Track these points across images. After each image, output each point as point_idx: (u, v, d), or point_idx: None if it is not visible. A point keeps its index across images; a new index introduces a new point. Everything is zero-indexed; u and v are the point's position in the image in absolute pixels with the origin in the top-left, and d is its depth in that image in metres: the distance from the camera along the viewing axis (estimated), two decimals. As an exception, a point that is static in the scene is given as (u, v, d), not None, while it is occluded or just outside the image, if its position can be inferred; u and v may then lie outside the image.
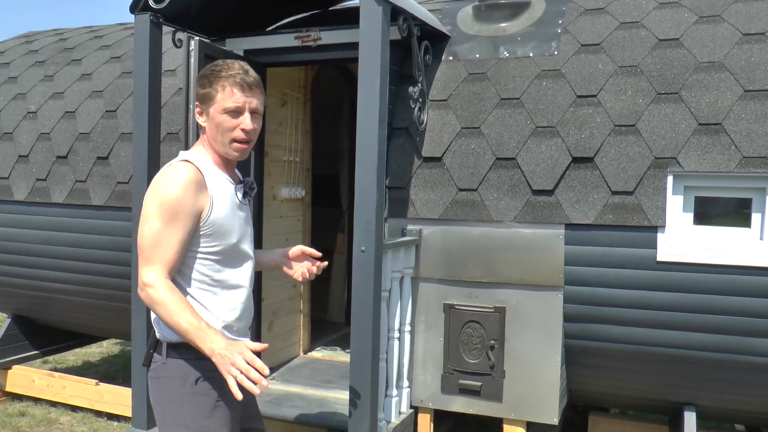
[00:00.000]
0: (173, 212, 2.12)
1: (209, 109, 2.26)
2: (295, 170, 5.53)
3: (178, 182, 2.15)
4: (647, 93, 4.00)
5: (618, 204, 3.92)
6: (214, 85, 2.23)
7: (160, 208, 2.12)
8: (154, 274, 2.11)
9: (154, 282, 2.10)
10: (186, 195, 2.14)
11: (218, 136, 2.26)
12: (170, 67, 5.36)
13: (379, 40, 3.52)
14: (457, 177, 4.23)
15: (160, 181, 2.17)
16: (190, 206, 2.15)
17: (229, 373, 1.99)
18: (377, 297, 3.64)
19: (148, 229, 2.13)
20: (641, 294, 3.93)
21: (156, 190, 2.16)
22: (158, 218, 2.12)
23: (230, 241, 2.28)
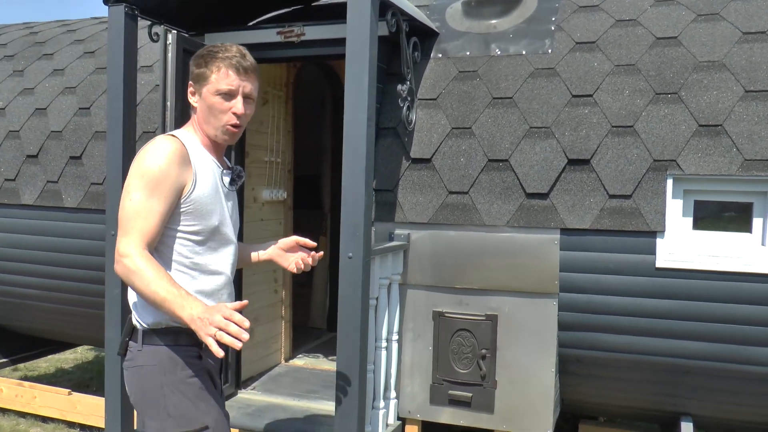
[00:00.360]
0: (155, 183, 2.08)
1: (202, 90, 2.23)
2: (277, 171, 5.33)
3: (161, 154, 2.11)
4: (645, 93, 3.86)
5: (615, 208, 3.77)
6: (209, 66, 2.21)
7: (141, 179, 2.08)
8: (130, 244, 2.05)
9: (129, 251, 2.04)
10: (169, 167, 2.10)
11: (209, 118, 2.24)
12: (146, 63, 5.13)
13: (368, 34, 3.34)
14: (447, 179, 4.06)
15: (143, 154, 2.14)
16: (173, 179, 2.11)
17: (207, 334, 1.90)
18: (365, 306, 3.46)
19: (128, 201, 2.08)
20: (639, 302, 3.78)
21: (138, 162, 2.12)
22: (139, 189, 2.08)
23: (211, 223, 2.23)
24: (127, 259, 2.03)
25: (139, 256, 2.03)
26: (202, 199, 2.20)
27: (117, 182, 3.88)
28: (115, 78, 3.88)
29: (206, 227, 2.23)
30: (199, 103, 2.26)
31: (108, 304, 3.93)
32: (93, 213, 4.91)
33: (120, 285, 3.89)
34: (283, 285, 5.51)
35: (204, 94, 2.23)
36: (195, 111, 2.30)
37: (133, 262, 2.03)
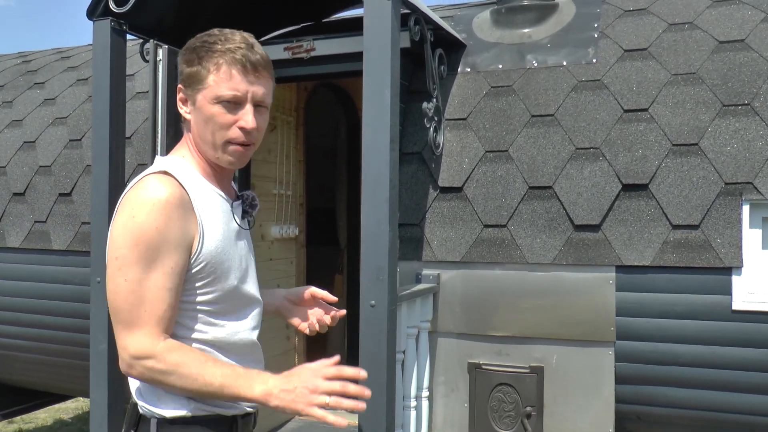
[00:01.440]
0: (155, 251, 1.51)
1: (196, 96, 1.61)
2: (287, 205, 4.82)
3: (156, 207, 1.52)
4: (711, 105, 3.32)
5: (681, 241, 3.22)
6: (204, 62, 1.59)
7: (135, 247, 1.51)
8: (145, 341, 1.52)
9: (148, 350, 1.51)
10: (169, 225, 1.52)
11: (207, 134, 1.62)
12: (144, 89, 4.68)
13: (389, 41, 2.84)
14: (481, 211, 3.52)
15: (131, 208, 1.53)
16: (178, 240, 1.55)
17: (313, 405, 1.49)
18: (391, 362, 2.92)
19: (123, 281, 1.51)
20: (712, 350, 3.22)
21: (126, 222, 1.52)
22: (135, 263, 1.51)
23: (229, 284, 1.65)
24: (151, 360, 1.52)
25: (165, 350, 1.53)
26: (214, 257, 1.62)
27: (103, 221, 3.38)
28: (100, 102, 3.42)
29: (223, 292, 1.66)
30: (193, 115, 1.65)
31: (93, 361, 3.41)
32: (84, 255, 4.42)
33: (107, 340, 3.38)
34: (296, 331, 4.96)
35: (199, 102, 1.62)
36: (188, 125, 1.69)
37: (162, 362, 1.52)
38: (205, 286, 1.61)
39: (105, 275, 1.56)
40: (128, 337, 1.52)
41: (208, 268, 1.60)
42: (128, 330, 1.52)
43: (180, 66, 1.65)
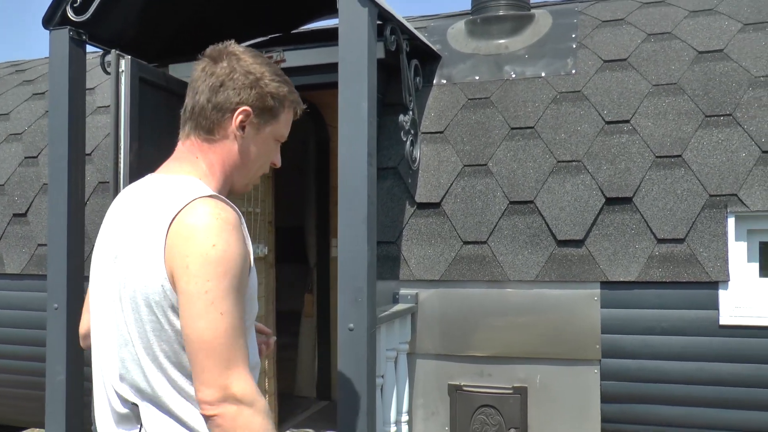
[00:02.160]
0: (241, 281, 1.37)
1: (265, 128, 1.54)
2: (257, 223, 4.64)
3: (233, 233, 1.36)
4: (693, 116, 3.26)
5: (666, 255, 3.13)
6: (284, 103, 1.55)
7: (225, 277, 1.33)
8: (250, 384, 1.34)
9: (253, 396, 1.34)
10: (243, 248, 1.38)
11: (254, 164, 1.57)
12: (105, 103, 4.47)
13: (365, 50, 2.71)
14: (461, 227, 3.40)
15: (205, 234, 1.34)
16: (249, 264, 1.42)
17: None
18: (371, 387, 2.76)
19: (219, 315, 1.32)
20: (700, 366, 3.13)
21: (206, 251, 1.33)
22: (228, 294, 1.34)
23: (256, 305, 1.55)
24: (250, 410, 1.33)
25: (263, 407, 1.35)
26: (253, 280, 1.48)
27: (59, 244, 3.19)
28: (58, 117, 3.23)
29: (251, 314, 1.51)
30: (248, 142, 1.53)
31: (50, 393, 3.19)
32: (40, 279, 4.17)
33: (65, 370, 3.16)
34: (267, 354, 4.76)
35: (265, 134, 1.54)
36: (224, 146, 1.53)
37: (258, 416, 1.33)
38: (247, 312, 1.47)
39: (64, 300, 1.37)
40: (231, 375, 1.33)
41: (250, 291, 1.47)
42: (230, 369, 1.33)
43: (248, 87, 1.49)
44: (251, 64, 1.49)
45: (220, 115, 1.48)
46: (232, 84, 1.47)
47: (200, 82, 1.49)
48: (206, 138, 1.50)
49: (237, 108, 1.47)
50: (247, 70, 1.48)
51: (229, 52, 1.50)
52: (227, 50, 1.50)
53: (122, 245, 1.42)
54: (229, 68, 1.47)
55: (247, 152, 1.53)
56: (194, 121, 1.50)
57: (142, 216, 1.41)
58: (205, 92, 1.48)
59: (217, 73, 1.47)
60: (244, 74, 1.48)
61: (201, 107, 1.48)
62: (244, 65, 1.49)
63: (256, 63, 1.50)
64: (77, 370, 3.25)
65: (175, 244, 1.34)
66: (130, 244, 1.40)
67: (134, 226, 1.41)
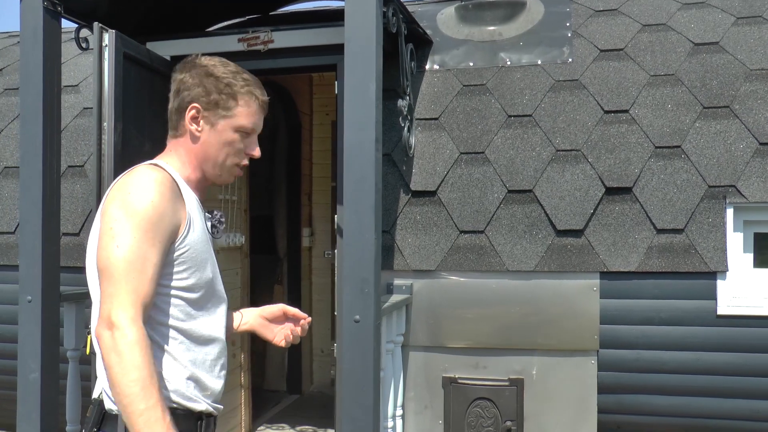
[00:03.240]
0: (149, 224, 1.57)
1: (219, 121, 1.73)
2: (233, 212, 4.46)
3: (150, 186, 1.61)
4: (691, 107, 3.25)
5: (666, 245, 3.12)
6: (237, 95, 1.74)
7: (131, 218, 1.57)
8: (124, 311, 1.51)
9: (122, 321, 1.50)
10: (163, 202, 1.61)
11: (219, 155, 1.76)
12: (72, 82, 4.22)
13: (374, 30, 2.60)
14: (457, 216, 3.32)
15: (125, 188, 1.61)
16: (169, 218, 1.62)
17: None
18: (377, 380, 2.65)
19: (115, 247, 1.55)
20: (697, 356, 3.15)
21: (121, 198, 1.60)
22: (129, 232, 1.56)
23: (206, 275, 1.73)
24: (118, 331, 1.49)
25: (135, 331, 1.50)
26: (197, 244, 1.67)
27: (33, 231, 2.96)
28: (31, 94, 2.99)
29: (201, 281, 1.69)
30: (206, 135, 1.74)
31: (22, 392, 2.97)
32: (2, 270, 3.91)
33: (39, 368, 2.95)
34: (242, 347, 4.61)
35: (220, 127, 1.73)
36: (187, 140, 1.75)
37: (123, 339, 1.49)
38: (186, 271, 1.65)
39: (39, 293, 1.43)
40: (114, 302, 1.51)
41: (190, 254, 1.65)
42: (114, 296, 1.52)
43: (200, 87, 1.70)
44: (203, 67, 1.70)
45: (180, 115, 1.71)
46: (184, 86, 1.69)
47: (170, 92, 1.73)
48: (174, 135, 1.74)
49: (188, 105, 1.69)
50: (197, 73, 1.69)
51: (190, 62, 1.72)
52: (193, 61, 1.72)
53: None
54: (186, 74, 1.69)
55: (207, 144, 1.72)
56: (169, 124, 1.75)
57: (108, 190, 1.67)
58: (171, 99, 1.73)
59: (178, 80, 1.70)
60: (194, 75, 1.69)
61: (170, 112, 1.74)
62: (197, 71, 1.69)
63: (210, 64, 1.71)
64: (52, 367, 3.04)
65: (106, 199, 1.60)
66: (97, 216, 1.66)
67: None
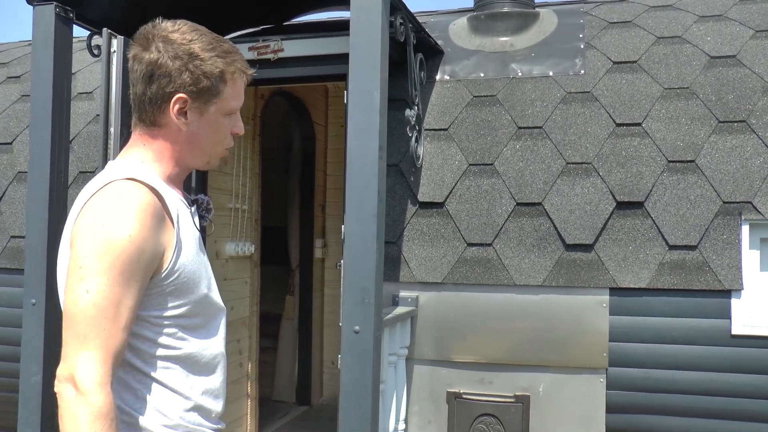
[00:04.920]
0: (129, 263, 1.33)
1: (209, 108, 1.44)
2: (243, 221, 4.45)
3: (130, 215, 1.34)
4: (706, 121, 3.18)
5: (678, 262, 3.04)
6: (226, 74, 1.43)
7: (104, 257, 1.32)
8: (95, 374, 1.28)
9: (90, 388, 1.27)
10: (144, 233, 1.34)
11: (210, 144, 1.50)
12: (86, 89, 4.25)
13: (378, 36, 2.57)
14: (465, 228, 3.27)
15: (100, 214, 1.34)
16: (151, 251, 1.37)
17: None
18: (376, 393, 2.60)
19: (85, 292, 1.30)
20: (710, 377, 3.05)
21: (93, 228, 1.33)
22: (101, 273, 1.31)
23: (200, 293, 1.50)
24: (82, 398, 1.26)
25: (101, 400, 1.28)
26: (187, 266, 1.44)
27: (39, 235, 2.97)
28: (40, 100, 3.01)
29: (196, 302, 1.48)
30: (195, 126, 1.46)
31: (24, 395, 2.97)
32: (13, 274, 3.93)
33: (42, 371, 2.95)
34: (249, 356, 4.58)
35: (212, 115, 1.46)
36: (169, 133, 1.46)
37: (86, 408, 1.26)
38: (178, 298, 1.44)
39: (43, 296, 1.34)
40: (80, 357, 1.28)
41: (180, 278, 1.43)
42: (81, 350, 1.29)
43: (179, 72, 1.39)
44: (180, 44, 1.39)
45: (157, 107, 1.41)
46: (162, 72, 1.38)
47: (133, 71, 1.41)
48: (150, 128, 1.44)
49: (171, 97, 1.40)
50: (175, 53, 1.38)
51: (155, 35, 1.38)
52: (154, 32, 1.39)
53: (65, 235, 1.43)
54: (157, 54, 1.38)
55: (196, 136, 1.47)
56: (137, 113, 1.44)
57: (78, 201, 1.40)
58: (139, 82, 1.40)
59: (146, 61, 1.38)
60: (173, 59, 1.38)
61: (139, 99, 1.42)
62: (173, 48, 1.38)
63: (185, 41, 1.39)
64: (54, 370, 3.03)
65: (77, 223, 1.35)
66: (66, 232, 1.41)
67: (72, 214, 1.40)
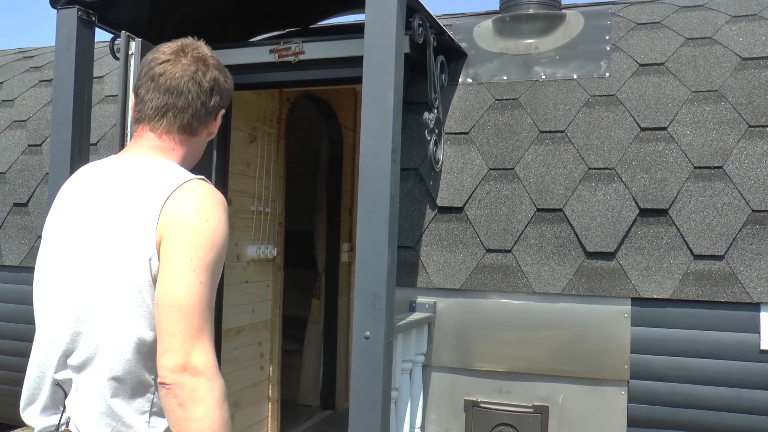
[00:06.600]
0: (221, 256, 1.45)
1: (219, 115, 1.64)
2: (266, 224, 4.45)
3: (223, 212, 1.46)
4: (735, 125, 3.07)
5: (703, 272, 2.93)
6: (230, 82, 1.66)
7: (211, 251, 1.41)
8: (210, 356, 1.36)
9: (211, 373, 1.35)
10: (228, 230, 1.48)
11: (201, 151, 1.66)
12: (113, 92, 4.32)
13: (393, 38, 2.54)
14: (484, 234, 3.21)
15: (201, 209, 1.43)
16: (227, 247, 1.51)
17: None
18: (387, 400, 2.56)
19: (198, 283, 1.37)
20: (737, 393, 2.93)
21: (200, 223, 1.41)
22: (209, 267, 1.40)
23: None
24: (207, 382, 1.33)
25: (221, 384, 1.36)
26: None
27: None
28: (62, 102, 3.04)
29: None
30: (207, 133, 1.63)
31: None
32: (37, 272, 3.99)
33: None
34: (271, 360, 4.58)
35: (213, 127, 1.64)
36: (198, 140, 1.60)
37: (213, 392, 1.33)
38: None
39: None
40: (197, 345, 1.34)
41: None
42: (196, 338, 1.34)
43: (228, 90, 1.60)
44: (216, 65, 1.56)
45: (209, 117, 1.57)
46: (220, 89, 1.56)
47: (184, 82, 1.51)
48: (188, 135, 1.54)
49: (219, 111, 1.59)
50: (223, 71, 1.58)
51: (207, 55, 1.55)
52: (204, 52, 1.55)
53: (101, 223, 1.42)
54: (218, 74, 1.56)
55: (203, 144, 1.63)
56: (179, 119, 1.52)
57: (128, 193, 1.43)
58: (196, 95, 1.52)
59: (208, 78, 1.53)
60: (225, 78, 1.58)
61: (194, 109, 1.52)
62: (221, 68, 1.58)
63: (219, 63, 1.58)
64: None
65: (170, 219, 1.38)
66: (114, 221, 1.41)
67: (119, 204, 1.42)
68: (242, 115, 4.11)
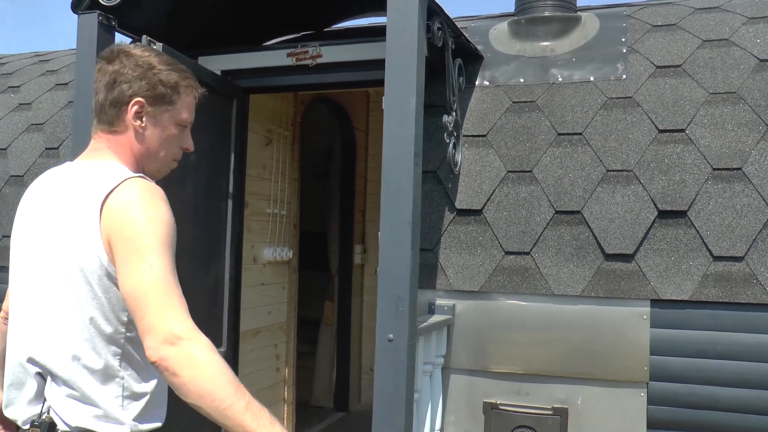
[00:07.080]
0: (169, 239, 1.53)
1: (163, 115, 1.68)
2: (281, 226, 4.48)
3: (163, 203, 1.56)
4: (754, 127, 3.07)
5: (723, 273, 2.94)
6: (180, 87, 1.69)
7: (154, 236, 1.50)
8: (186, 322, 1.43)
9: (189, 332, 1.42)
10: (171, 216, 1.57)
11: (160, 151, 1.71)
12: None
13: (415, 41, 2.55)
14: (503, 236, 3.22)
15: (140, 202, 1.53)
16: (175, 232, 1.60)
17: None
18: (410, 402, 2.57)
19: (148, 267, 1.46)
20: (758, 395, 2.93)
21: (140, 216, 1.51)
22: (153, 251, 1.49)
23: None
24: (189, 343, 1.40)
25: (203, 338, 1.42)
26: None
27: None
28: (83, 105, 3.06)
29: None
30: (150, 131, 1.67)
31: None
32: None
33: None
34: (287, 361, 4.59)
35: (165, 121, 1.69)
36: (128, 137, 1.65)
37: (198, 348, 1.40)
38: None
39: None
40: (167, 317, 1.41)
41: None
42: (165, 312, 1.42)
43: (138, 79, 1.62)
44: (140, 57, 1.63)
45: (117, 109, 1.61)
46: (123, 78, 1.60)
47: (97, 82, 1.63)
48: (110, 131, 1.63)
49: (130, 100, 1.60)
50: (136, 63, 1.62)
51: (119, 51, 1.64)
52: (118, 49, 1.65)
53: (52, 225, 1.55)
54: (120, 64, 1.61)
55: (150, 140, 1.66)
56: (98, 117, 1.64)
57: (72, 195, 1.54)
58: (102, 90, 1.62)
59: (109, 71, 1.61)
60: (133, 68, 1.61)
61: (101, 105, 1.62)
62: (134, 59, 1.62)
63: (145, 55, 1.64)
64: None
65: (111, 217, 1.48)
66: (62, 222, 1.53)
67: (65, 206, 1.54)
68: (258, 118, 4.13)
